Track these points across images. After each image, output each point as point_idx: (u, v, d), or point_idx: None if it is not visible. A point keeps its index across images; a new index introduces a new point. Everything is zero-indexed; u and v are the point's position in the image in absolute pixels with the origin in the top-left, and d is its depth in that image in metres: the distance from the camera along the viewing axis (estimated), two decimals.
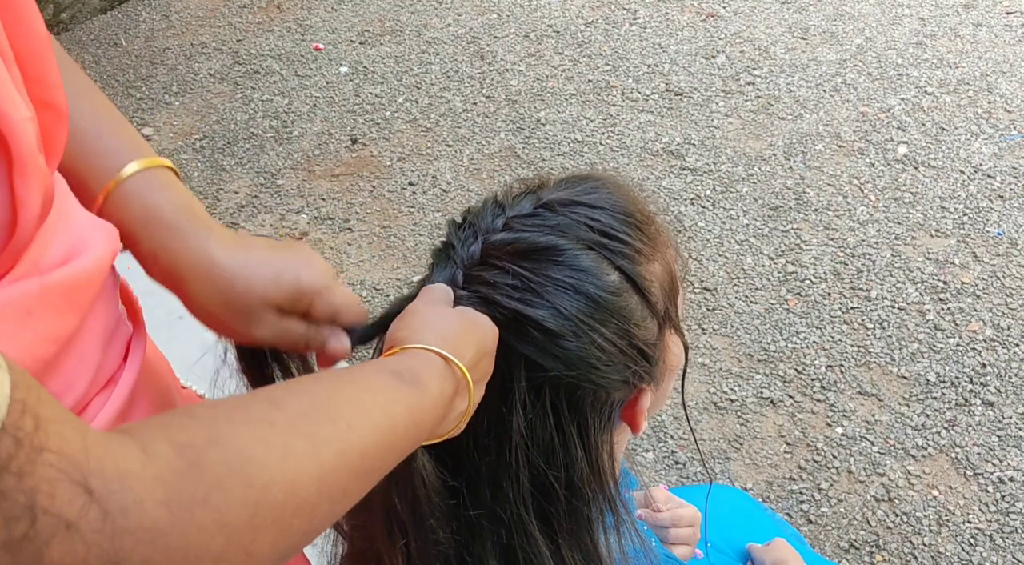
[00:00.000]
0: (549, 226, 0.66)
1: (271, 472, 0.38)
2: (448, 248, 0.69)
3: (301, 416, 0.43)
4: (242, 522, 0.36)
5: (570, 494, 0.66)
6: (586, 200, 0.68)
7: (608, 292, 0.64)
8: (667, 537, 1.03)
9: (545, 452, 0.65)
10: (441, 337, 0.56)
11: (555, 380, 0.64)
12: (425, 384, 0.52)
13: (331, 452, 0.42)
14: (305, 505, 0.40)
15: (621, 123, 3.01)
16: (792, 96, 3.08)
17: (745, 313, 2.30)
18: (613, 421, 0.69)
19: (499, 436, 0.63)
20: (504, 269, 0.64)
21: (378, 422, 0.47)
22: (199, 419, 0.38)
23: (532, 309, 0.63)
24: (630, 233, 0.67)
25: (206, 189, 2.87)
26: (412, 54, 3.47)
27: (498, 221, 0.67)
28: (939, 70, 3.17)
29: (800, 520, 1.86)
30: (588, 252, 0.65)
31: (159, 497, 0.33)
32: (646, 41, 3.43)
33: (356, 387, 0.49)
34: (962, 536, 1.82)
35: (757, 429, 2.03)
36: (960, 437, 1.99)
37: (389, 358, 0.54)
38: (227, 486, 0.36)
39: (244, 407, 0.42)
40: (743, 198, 2.67)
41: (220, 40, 3.65)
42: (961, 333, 2.22)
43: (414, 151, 2.96)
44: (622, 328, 0.65)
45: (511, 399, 0.63)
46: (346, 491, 0.44)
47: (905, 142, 2.85)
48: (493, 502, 0.65)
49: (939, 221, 2.54)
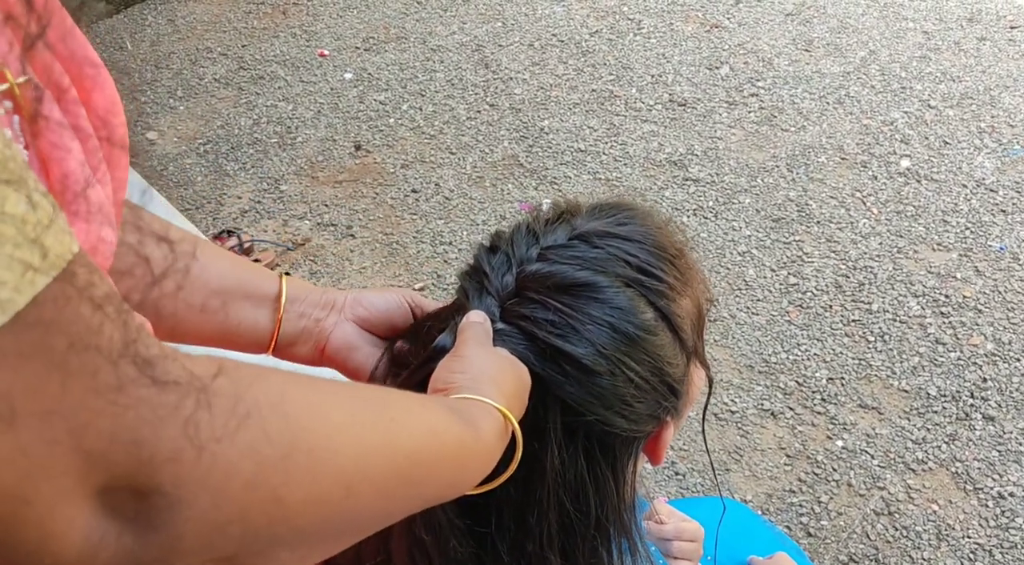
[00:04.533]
0: (586, 259, 0.66)
1: (309, 421, 0.38)
2: (480, 275, 0.69)
3: (347, 394, 0.43)
4: (274, 457, 0.35)
5: (597, 531, 0.66)
6: (621, 232, 0.68)
7: (644, 330, 0.64)
8: (670, 550, 1.03)
9: (575, 490, 0.65)
10: (500, 391, 0.56)
11: (590, 424, 0.64)
12: (483, 433, 0.52)
13: (374, 435, 0.42)
14: (342, 475, 0.39)
15: (624, 133, 3.02)
16: (795, 108, 3.09)
17: (746, 324, 2.30)
18: (638, 455, 0.69)
19: (529, 475, 0.63)
20: (542, 303, 0.64)
21: (426, 433, 0.47)
22: (242, 361, 0.38)
23: (571, 345, 0.63)
24: (664, 269, 0.67)
25: (209, 194, 2.87)
26: (416, 61, 3.48)
27: (532, 251, 0.67)
28: (943, 83, 3.18)
29: (799, 533, 1.86)
30: (626, 289, 0.65)
31: (200, 389, 0.32)
32: (650, 51, 3.44)
33: (412, 400, 0.49)
34: (962, 551, 1.82)
35: (757, 441, 2.03)
36: (960, 451, 1.99)
37: (447, 398, 0.55)
38: (263, 414, 0.35)
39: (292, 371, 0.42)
40: (745, 209, 2.67)
41: (225, 45, 3.66)
42: (962, 347, 2.22)
43: (417, 158, 2.97)
44: (655, 365, 0.65)
45: (545, 439, 0.63)
46: (387, 486, 0.43)
47: (908, 155, 2.85)
48: (516, 535, 0.65)
49: (941, 235, 2.55)
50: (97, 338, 0.29)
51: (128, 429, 0.30)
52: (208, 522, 0.33)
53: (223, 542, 0.34)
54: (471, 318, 0.64)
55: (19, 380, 0.27)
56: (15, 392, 0.27)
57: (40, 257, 0.28)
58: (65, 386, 0.28)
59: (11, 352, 0.27)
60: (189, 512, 0.32)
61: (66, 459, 0.29)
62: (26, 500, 0.28)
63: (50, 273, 0.28)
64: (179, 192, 2.88)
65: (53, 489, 0.29)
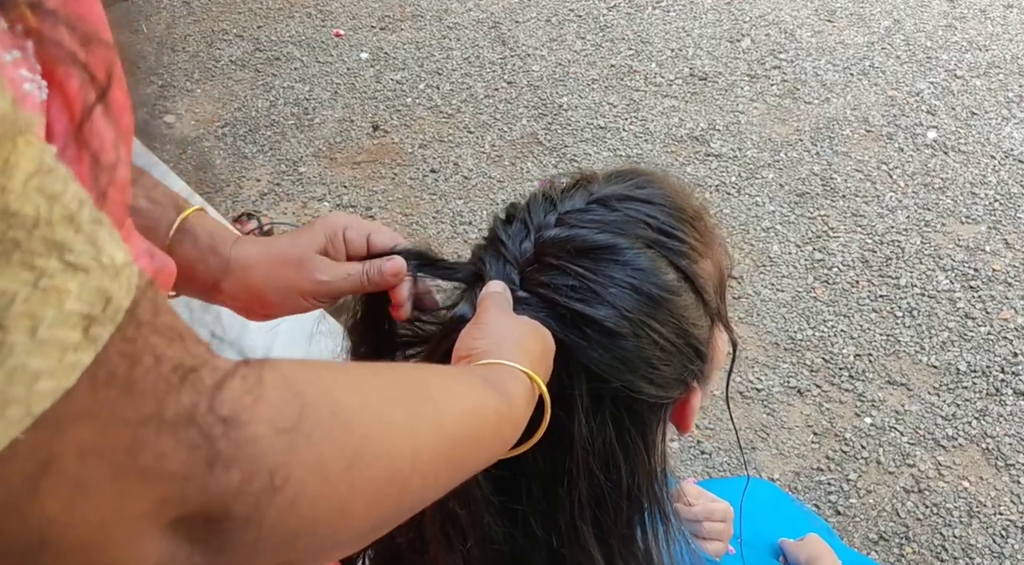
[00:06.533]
0: (605, 222, 0.65)
1: (367, 427, 0.38)
2: (497, 243, 0.67)
3: (395, 386, 0.43)
4: (339, 468, 0.35)
5: (628, 501, 0.65)
6: (639, 195, 0.66)
7: (667, 291, 0.64)
8: (699, 532, 1.01)
9: (604, 458, 0.64)
10: (525, 354, 0.56)
11: (616, 390, 0.62)
12: (514, 399, 0.52)
13: (424, 428, 0.42)
14: (399, 474, 0.39)
15: (644, 108, 2.98)
16: (819, 80, 3.04)
17: (771, 301, 2.28)
18: (666, 422, 0.68)
19: (557, 444, 0.62)
20: (562, 269, 0.63)
21: (468, 414, 0.47)
22: (298, 363, 0.37)
23: (593, 309, 0.62)
24: (685, 230, 0.66)
25: (228, 177, 2.86)
26: (433, 39, 3.44)
27: (550, 217, 0.66)
28: (969, 53, 3.11)
29: (828, 511, 1.84)
30: (646, 250, 0.64)
31: (266, 415, 0.32)
32: (669, 25, 3.39)
33: (448, 377, 0.49)
34: (993, 528, 1.79)
35: (784, 419, 2.01)
36: (991, 427, 1.96)
37: (476, 366, 0.54)
38: (326, 426, 0.35)
39: (342, 366, 0.43)
40: (769, 184, 2.63)
41: (240, 26, 3.64)
42: (992, 321, 2.18)
43: (435, 138, 2.95)
44: (680, 327, 0.64)
45: (572, 407, 0.62)
46: (437, 476, 0.43)
47: (935, 127, 2.80)
48: (547, 508, 0.64)
49: (969, 207, 2.50)
50: (163, 381, 0.29)
51: (199, 466, 0.29)
52: (276, 539, 0.33)
53: (289, 553, 0.34)
54: (491, 288, 0.64)
55: (90, 439, 0.26)
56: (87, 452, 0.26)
57: (102, 306, 0.26)
58: (136, 437, 0.28)
59: (80, 413, 0.26)
60: (259, 532, 0.32)
61: (139, 505, 0.28)
62: (101, 547, 0.28)
63: (115, 320, 0.27)
64: (198, 175, 2.87)
65: (126, 532, 0.28)
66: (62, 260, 0.25)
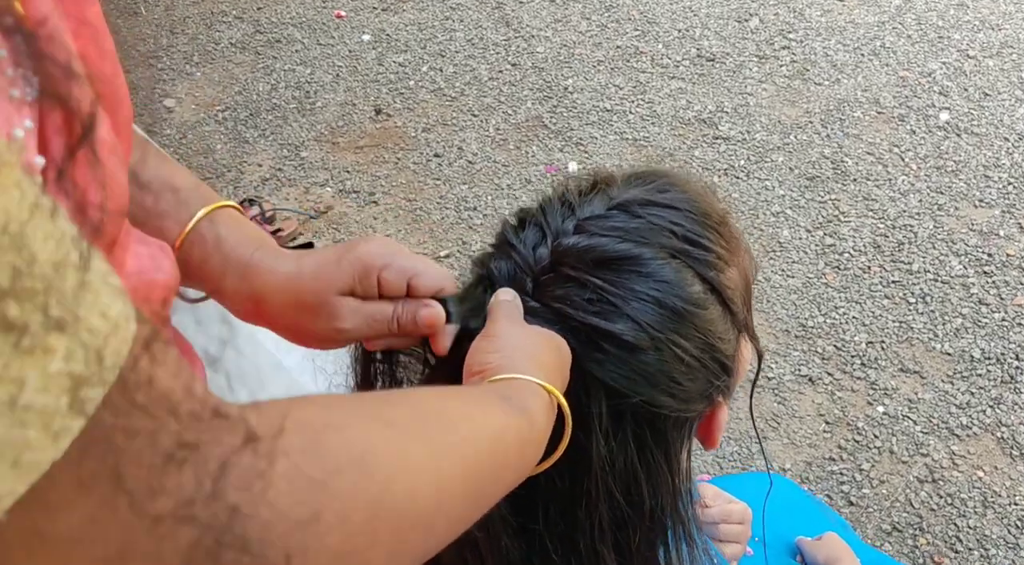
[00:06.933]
0: (627, 230, 0.61)
1: (390, 470, 0.35)
2: (509, 249, 0.63)
3: (417, 420, 0.40)
4: (361, 521, 0.33)
5: (651, 523, 0.62)
6: (662, 200, 0.63)
7: (693, 304, 0.60)
8: (717, 534, 0.99)
9: (625, 479, 0.60)
10: (540, 366, 0.53)
11: (637, 406, 0.59)
12: (534, 415, 0.49)
13: (448, 462, 0.40)
14: (424, 517, 0.37)
15: (651, 90, 2.93)
16: (829, 61, 2.98)
17: (781, 288, 2.24)
18: (691, 439, 0.65)
19: (575, 465, 0.59)
20: (580, 281, 0.60)
21: (491, 440, 0.44)
22: (315, 404, 0.35)
23: (610, 323, 0.58)
24: (711, 237, 0.62)
25: (229, 162, 2.82)
26: (436, 21, 3.39)
27: (569, 223, 0.62)
28: (981, 32, 3.05)
29: (841, 502, 1.82)
30: (671, 261, 0.60)
31: (280, 470, 0.30)
32: (676, 4, 3.33)
33: (465, 401, 0.46)
34: (1008, 518, 1.77)
35: (795, 408, 1.98)
36: (1006, 416, 1.93)
37: (491, 383, 0.51)
38: (347, 475, 0.32)
39: (358, 401, 0.40)
40: (778, 168, 2.59)
41: (240, 8, 3.59)
42: (1007, 307, 2.15)
43: (439, 121, 2.90)
44: (706, 342, 0.61)
45: (589, 425, 0.59)
46: (461, 513, 0.41)
47: (947, 108, 2.75)
48: (566, 530, 0.61)
49: (983, 191, 2.46)
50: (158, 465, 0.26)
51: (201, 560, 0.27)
52: None
53: None
54: (500, 296, 0.60)
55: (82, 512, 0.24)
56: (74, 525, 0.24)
57: (96, 365, 0.23)
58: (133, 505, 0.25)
59: (71, 484, 0.23)
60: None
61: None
62: None
63: (106, 381, 0.24)
64: (199, 160, 2.83)
65: None
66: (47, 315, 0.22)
